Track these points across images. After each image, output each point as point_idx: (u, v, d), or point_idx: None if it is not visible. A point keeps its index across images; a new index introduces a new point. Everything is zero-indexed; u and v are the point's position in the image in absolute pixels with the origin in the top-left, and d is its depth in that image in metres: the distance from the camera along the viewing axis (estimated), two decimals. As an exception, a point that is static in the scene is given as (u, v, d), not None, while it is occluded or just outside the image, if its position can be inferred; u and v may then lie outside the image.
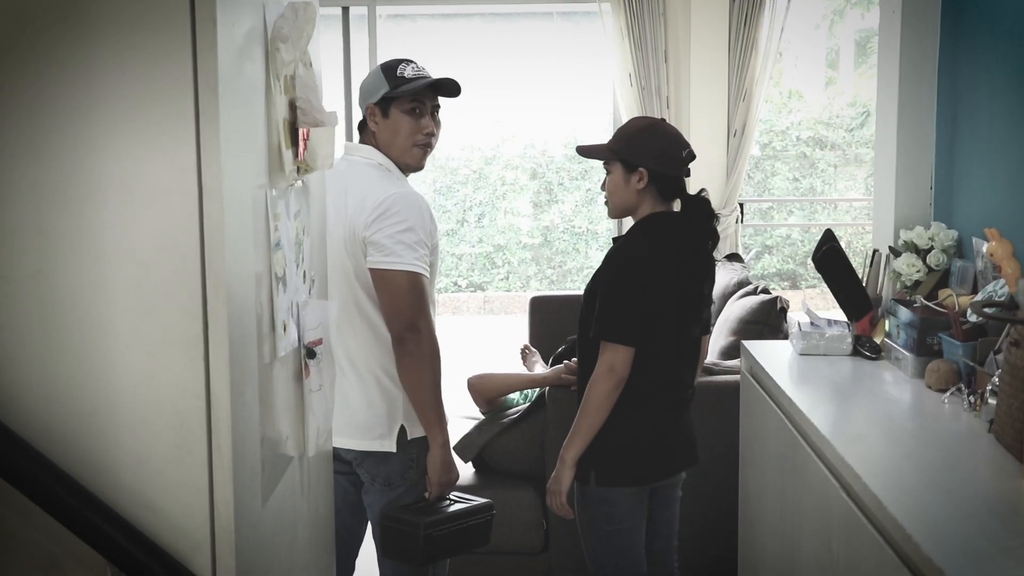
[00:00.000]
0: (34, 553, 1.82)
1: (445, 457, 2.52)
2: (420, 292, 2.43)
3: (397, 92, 2.49)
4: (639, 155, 2.56)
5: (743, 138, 5.45)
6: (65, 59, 1.74)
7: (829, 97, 10.50)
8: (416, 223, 2.42)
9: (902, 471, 1.95)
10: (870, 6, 9.80)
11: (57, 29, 1.74)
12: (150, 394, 1.81)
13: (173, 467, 1.82)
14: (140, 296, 1.79)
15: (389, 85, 2.50)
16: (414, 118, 2.49)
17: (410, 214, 2.42)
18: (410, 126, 2.48)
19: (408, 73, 2.50)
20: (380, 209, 2.43)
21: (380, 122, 2.53)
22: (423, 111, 2.50)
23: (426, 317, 2.44)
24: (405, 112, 2.49)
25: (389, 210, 2.43)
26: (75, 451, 1.80)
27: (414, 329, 2.42)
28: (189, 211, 1.78)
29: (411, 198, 2.46)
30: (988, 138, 2.85)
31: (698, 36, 5.37)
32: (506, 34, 10.08)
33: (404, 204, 2.43)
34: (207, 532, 1.83)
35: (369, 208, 2.44)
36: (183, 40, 1.74)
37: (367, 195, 2.46)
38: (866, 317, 2.88)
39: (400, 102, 2.49)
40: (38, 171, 1.76)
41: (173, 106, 1.76)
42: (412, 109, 2.49)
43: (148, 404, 1.81)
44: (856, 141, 10.10)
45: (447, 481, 2.54)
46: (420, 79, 2.51)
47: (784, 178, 10.05)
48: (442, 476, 2.51)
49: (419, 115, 2.49)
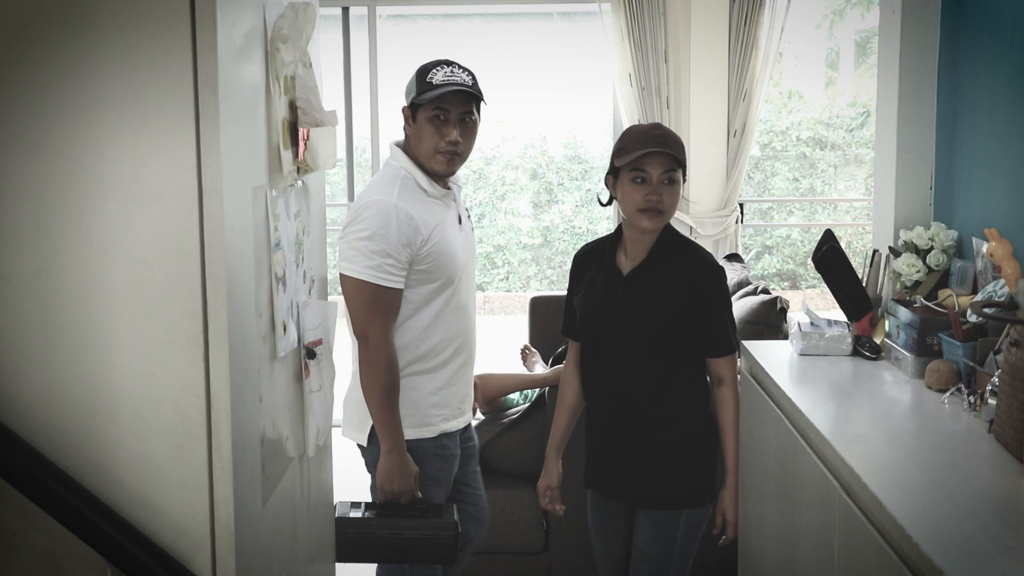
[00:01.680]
0: (34, 552, 1.82)
1: (389, 465, 2.48)
2: (369, 300, 2.40)
3: (421, 99, 2.43)
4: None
5: (743, 138, 5.45)
6: (65, 59, 1.74)
7: (829, 97, 10.50)
8: (378, 232, 2.39)
9: (902, 471, 1.95)
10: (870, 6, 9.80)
11: (57, 29, 1.74)
12: (150, 394, 1.81)
13: (173, 466, 1.82)
14: (140, 296, 1.79)
15: (416, 90, 2.45)
16: (437, 126, 2.43)
17: (374, 223, 2.39)
18: (432, 134, 2.43)
19: (437, 79, 2.43)
20: (351, 215, 2.48)
21: (410, 126, 2.51)
22: (447, 118, 2.43)
23: (377, 326, 2.41)
24: (429, 119, 2.44)
25: (357, 217, 2.45)
26: (75, 450, 1.81)
27: (363, 336, 2.45)
28: (189, 211, 1.78)
29: (383, 207, 2.41)
30: (988, 138, 2.85)
31: (698, 36, 5.37)
32: (506, 34, 10.08)
33: (373, 212, 2.41)
34: (207, 532, 1.84)
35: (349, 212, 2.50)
36: (183, 40, 1.75)
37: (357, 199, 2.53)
38: (866, 317, 2.88)
39: (425, 108, 2.44)
40: (38, 171, 1.76)
41: (173, 106, 1.76)
42: (436, 116, 2.43)
43: (148, 404, 1.81)
44: (856, 141, 10.10)
45: (389, 489, 2.50)
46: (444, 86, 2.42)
47: (784, 178, 10.05)
48: (384, 483, 2.49)
49: (443, 122, 2.43)
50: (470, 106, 2.45)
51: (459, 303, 2.53)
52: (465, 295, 2.55)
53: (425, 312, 2.48)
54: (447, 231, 2.50)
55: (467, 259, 2.57)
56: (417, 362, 2.51)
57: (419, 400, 2.52)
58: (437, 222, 2.48)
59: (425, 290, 2.47)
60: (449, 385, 2.56)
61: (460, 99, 2.42)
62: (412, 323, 2.48)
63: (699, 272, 2.54)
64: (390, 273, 2.40)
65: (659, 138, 2.44)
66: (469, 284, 2.59)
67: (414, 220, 2.41)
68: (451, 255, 2.49)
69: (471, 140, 2.48)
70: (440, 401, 2.55)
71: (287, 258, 2.25)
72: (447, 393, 2.56)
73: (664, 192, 2.44)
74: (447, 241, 2.49)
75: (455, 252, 2.51)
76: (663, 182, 2.43)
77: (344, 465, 3.46)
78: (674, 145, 2.46)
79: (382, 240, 2.38)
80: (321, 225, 2.69)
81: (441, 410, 2.56)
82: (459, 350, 2.56)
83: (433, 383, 2.55)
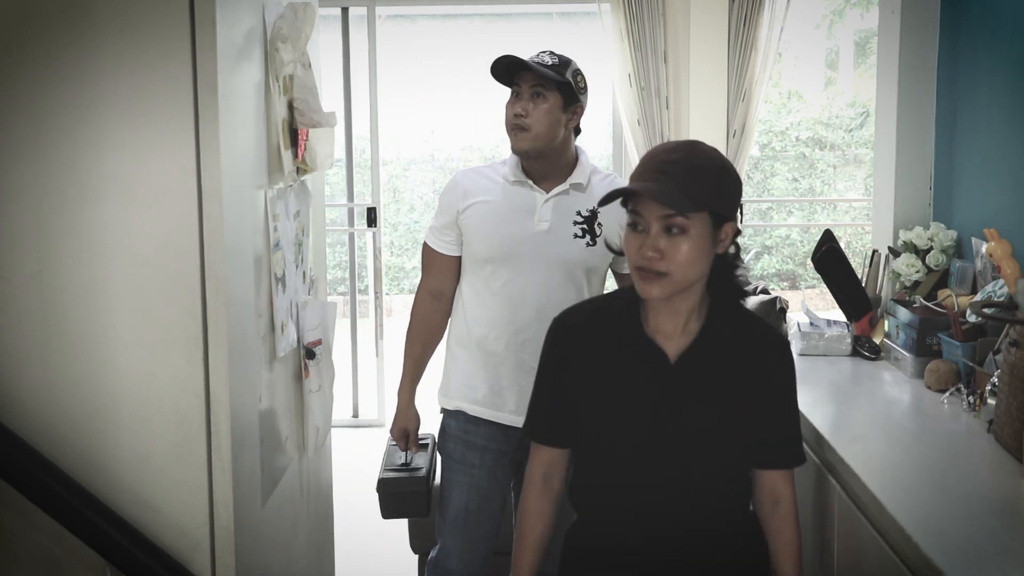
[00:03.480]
0: (34, 553, 1.82)
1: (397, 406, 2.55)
2: (422, 256, 2.55)
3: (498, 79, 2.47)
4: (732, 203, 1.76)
5: (742, 138, 5.45)
6: (65, 60, 1.74)
7: (828, 97, 10.49)
8: (441, 196, 2.52)
9: (901, 471, 1.95)
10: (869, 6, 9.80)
11: (57, 30, 1.74)
12: (150, 394, 1.81)
13: (173, 466, 1.82)
14: (140, 296, 1.79)
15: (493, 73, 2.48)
16: (510, 103, 2.45)
17: (442, 193, 2.53)
18: (506, 111, 2.45)
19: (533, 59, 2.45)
20: None
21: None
22: (519, 93, 2.43)
23: (421, 279, 2.56)
24: (509, 98, 2.46)
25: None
26: (75, 450, 1.81)
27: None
28: (189, 211, 1.78)
29: (452, 179, 2.53)
30: (987, 138, 2.85)
31: (697, 36, 5.37)
32: (506, 34, 10.07)
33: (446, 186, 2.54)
34: (206, 532, 1.84)
35: None
36: (183, 41, 1.75)
37: None
38: (865, 317, 2.88)
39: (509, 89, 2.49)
40: (38, 172, 1.76)
41: (173, 107, 1.76)
42: (512, 93, 2.46)
43: (148, 404, 1.81)
44: (855, 141, 10.09)
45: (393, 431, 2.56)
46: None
47: (783, 178, 10.05)
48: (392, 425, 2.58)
49: (515, 98, 2.44)
50: (534, 81, 2.41)
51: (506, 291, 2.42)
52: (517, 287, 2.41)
53: (469, 287, 2.48)
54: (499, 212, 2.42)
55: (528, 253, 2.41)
56: (457, 333, 2.52)
57: (452, 370, 2.51)
58: (487, 199, 2.44)
59: (468, 264, 2.49)
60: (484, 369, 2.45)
61: (531, 76, 2.41)
62: (459, 294, 2.52)
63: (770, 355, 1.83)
64: (435, 234, 2.51)
65: (663, 167, 1.69)
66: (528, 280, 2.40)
67: (460, 187, 2.48)
68: (486, 235, 2.42)
69: (541, 116, 2.40)
70: (467, 381, 2.47)
71: (286, 258, 2.25)
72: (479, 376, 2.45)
73: (666, 244, 1.68)
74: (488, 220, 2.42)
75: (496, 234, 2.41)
76: (664, 231, 1.67)
77: (344, 465, 3.47)
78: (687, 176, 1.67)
79: (439, 203, 2.52)
80: (320, 225, 2.69)
81: (468, 391, 2.47)
82: (500, 338, 2.42)
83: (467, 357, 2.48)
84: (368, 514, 2.91)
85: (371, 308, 5.68)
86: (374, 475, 2.62)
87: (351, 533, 3.49)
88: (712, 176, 1.69)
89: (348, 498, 3.45)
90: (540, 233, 2.41)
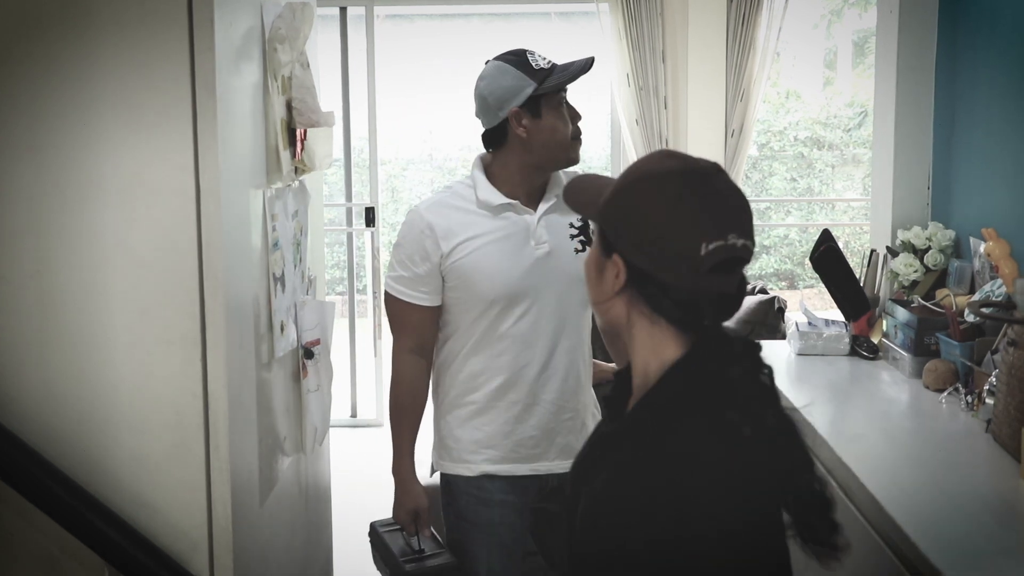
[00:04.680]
0: (33, 553, 1.82)
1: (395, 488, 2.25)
2: (387, 310, 2.23)
3: (546, 88, 2.17)
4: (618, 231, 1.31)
5: (741, 138, 5.45)
6: (64, 60, 1.74)
7: (827, 97, 10.49)
8: (400, 241, 2.20)
9: (900, 471, 1.95)
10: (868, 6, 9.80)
11: (57, 30, 1.74)
12: (148, 393, 1.81)
13: (171, 466, 1.82)
14: (138, 296, 1.79)
15: (536, 81, 2.17)
16: (564, 111, 2.20)
17: (402, 231, 2.22)
18: (565, 120, 2.20)
19: (544, 64, 2.20)
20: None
21: (531, 124, 2.17)
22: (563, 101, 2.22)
23: (394, 338, 2.24)
24: (555, 108, 2.19)
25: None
26: (73, 450, 1.81)
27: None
28: (187, 211, 1.78)
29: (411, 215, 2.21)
30: (985, 138, 2.85)
31: (696, 36, 5.37)
32: (504, 34, 10.07)
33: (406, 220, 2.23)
34: (205, 531, 1.84)
35: None
36: (181, 41, 1.75)
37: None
38: (864, 317, 2.88)
39: (549, 98, 2.19)
40: (37, 172, 1.76)
41: (171, 107, 1.76)
42: (562, 101, 2.21)
43: (146, 403, 1.81)
44: (854, 141, 10.10)
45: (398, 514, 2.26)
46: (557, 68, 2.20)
47: (782, 178, 10.05)
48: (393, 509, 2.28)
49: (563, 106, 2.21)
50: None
51: (517, 330, 2.17)
52: (527, 324, 2.17)
53: (465, 335, 2.20)
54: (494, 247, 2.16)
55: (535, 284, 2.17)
56: (458, 389, 2.22)
57: (460, 434, 2.21)
58: (474, 234, 2.15)
59: (461, 311, 2.18)
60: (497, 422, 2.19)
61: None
62: (452, 345, 2.21)
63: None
64: (406, 285, 2.18)
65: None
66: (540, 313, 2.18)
67: (433, 229, 2.16)
68: (487, 276, 2.14)
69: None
70: (484, 439, 2.19)
71: (285, 258, 2.25)
72: (493, 431, 2.19)
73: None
74: (485, 259, 2.15)
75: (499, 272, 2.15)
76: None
77: (342, 465, 3.47)
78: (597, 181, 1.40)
79: (400, 250, 2.20)
80: (319, 225, 2.69)
81: (485, 450, 2.20)
82: (511, 384, 2.18)
83: (475, 416, 2.20)
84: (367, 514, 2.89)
85: (369, 308, 5.68)
86: (374, 475, 2.54)
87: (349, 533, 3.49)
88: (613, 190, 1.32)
89: (346, 498, 3.45)
90: (542, 258, 2.17)
